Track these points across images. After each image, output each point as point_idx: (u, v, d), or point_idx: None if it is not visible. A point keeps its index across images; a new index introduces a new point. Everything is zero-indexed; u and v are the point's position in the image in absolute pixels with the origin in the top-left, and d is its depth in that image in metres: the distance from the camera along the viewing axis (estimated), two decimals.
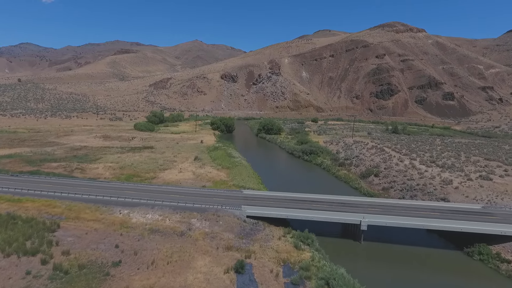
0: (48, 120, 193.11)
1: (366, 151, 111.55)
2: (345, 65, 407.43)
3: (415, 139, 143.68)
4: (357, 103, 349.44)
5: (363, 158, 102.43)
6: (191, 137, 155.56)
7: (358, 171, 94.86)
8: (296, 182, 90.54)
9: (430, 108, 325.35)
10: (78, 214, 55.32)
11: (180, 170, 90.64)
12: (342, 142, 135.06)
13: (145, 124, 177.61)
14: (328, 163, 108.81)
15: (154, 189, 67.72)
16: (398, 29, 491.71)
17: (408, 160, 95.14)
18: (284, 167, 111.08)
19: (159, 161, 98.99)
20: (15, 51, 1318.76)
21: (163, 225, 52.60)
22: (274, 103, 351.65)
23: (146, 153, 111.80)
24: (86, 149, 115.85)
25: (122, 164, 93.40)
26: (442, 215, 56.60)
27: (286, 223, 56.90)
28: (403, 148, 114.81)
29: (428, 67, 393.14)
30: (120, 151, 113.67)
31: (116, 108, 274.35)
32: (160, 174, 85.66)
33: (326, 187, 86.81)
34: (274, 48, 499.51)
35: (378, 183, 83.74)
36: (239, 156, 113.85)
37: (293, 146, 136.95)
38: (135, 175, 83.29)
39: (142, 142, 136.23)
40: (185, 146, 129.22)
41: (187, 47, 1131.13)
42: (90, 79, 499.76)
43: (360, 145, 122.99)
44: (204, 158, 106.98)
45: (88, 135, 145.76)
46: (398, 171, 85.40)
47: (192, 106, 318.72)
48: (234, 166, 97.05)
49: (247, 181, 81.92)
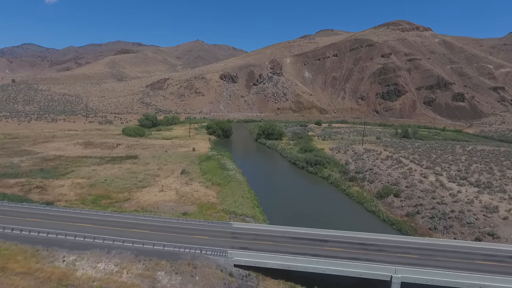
0: (31, 124, 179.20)
1: (381, 162, 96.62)
2: (349, 65, 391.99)
3: (432, 146, 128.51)
4: (362, 104, 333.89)
5: (378, 172, 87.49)
6: (183, 144, 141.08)
7: (373, 189, 79.98)
8: (300, 202, 75.81)
9: (440, 110, 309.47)
10: (5, 263, 40.73)
11: (161, 188, 76.14)
12: (351, 150, 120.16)
13: (134, 128, 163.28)
14: (336, 176, 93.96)
15: (118, 221, 53.01)
16: (403, 28, 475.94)
17: (433, 176, 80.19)
18: (286, 181, 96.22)
19: (139, 176, 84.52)
20: (17, 51, 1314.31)
21: (117, 283, 38.00)
22: (276, 105, 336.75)
23: (127, 165, 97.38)
24: (60, 159, 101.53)
25: (94, 180, 78.96)
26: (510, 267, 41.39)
27: (288, 275, 42.22)
28: (423, 158, 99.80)
29: (436, 66, 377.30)
30: (98, 162, 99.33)
31: (108, 110, 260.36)
32: (136, 194, 71.14)
33: (336, 209, 72.09)
34: (275, 48, 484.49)
35: (399, 205, 68.85)
36: (234, 168, 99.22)
37: (295, 155, 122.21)
38: (105, 196, 68.83)
39: (126, 150, 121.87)
40: (174, 155, 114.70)
41: (188, 47, 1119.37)
42: (87, 80, 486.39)
43: (372, 154, 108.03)
44: (193, 171, 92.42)
45: (69, 142, 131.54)
46: (424, 191, 70.46)
47: (189, 108, 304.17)
48: (226, 182, 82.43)
49: (240, 203, 67.22)
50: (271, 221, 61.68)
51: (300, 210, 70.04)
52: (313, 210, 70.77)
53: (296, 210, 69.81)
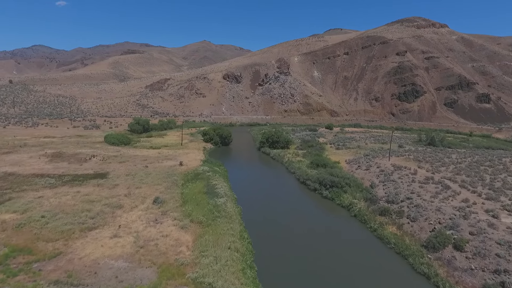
0: (6, 130, 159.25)
1: (420, 187, 72.79)
2: (362, 64, 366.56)
3: (474, 159, 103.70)
4: (376, 106, 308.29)
5: (421, 204, 63.70)
6: (171, 155, 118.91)
7: (418, 232, 56.35)
8: (315, 253, 52.62)
9: (463, 112, 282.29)
10: None
11: (117, 230, 53.81)
12: (374, 165, 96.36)
13: (118, 136, 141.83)
14: (361, 206, 70.52)
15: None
16: (419, 24, 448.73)
17: (504, 214, 56.27)
18: (294, 213, 72.64)
19: (94, 208, 62.37)
20: (27, 53, 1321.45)
21: None
22: (282, 107, 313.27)
23: (89, 188, 75.41)
24: (7, 179, 80.00)
25: (28, 217, 56.93)
26: None
27: None
28: (475, 181, 75.56)
29: (456, 65, 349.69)
30: (52, 184, 77.51)
31: (100, 113, 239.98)
32: (75, 244, 48.84)
33: (369, 267, 48.60)
34: (283, 46, 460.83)
35: (466, 266, 45.25)
36: (226, 193, 76.30)
37: (305, 171, 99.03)
38: (25, 249, 46.55)
39: (99, 164, 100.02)
40: (154, 172, 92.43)
41: (194, 48, 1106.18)
42: (88, 80, 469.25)
43: (404, 174, 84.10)
44: (170, 198, 69.92)
45: (35, 153, 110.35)
46: (501, 243, 46.72)
47: (189, 110, 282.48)
48: (211, 218, 59.73)
49: (224, 263, 44.43)
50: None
51: (316, 269, 47.01)
52: (336, 267, 47.69)
53: (311, 269, 46.81)
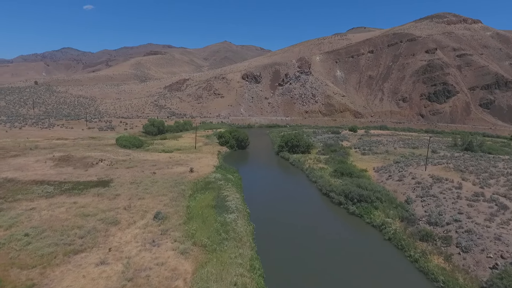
0: (21, 131, 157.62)
1: (469, 206, 60.77)
2: (388, 62, 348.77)
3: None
4: (404, 107, 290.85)
5: (474, 229, 52.00)
6: (183, 159, 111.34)
7: (472, 267, 44.94)
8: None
9: (501, 114, 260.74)
10: None
11: (106, 254, 45.78)
12: (408, 175, 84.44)
13: (130, 138, 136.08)
14: (396, 227, 59.46)
15: None
16: (449, 20, 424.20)
17: None
18: (317, 235, 62.28)
19: (88, 224, 54.94)
20: (56, 55, 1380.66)
21: None
22: (303, 107, 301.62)
23: (87, 199, 68.44)
24: (4, 186, 74.52)
25: (10, 235, 49.97)
26: None
27: None
28: None
29: (491, 63, 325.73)
30: (50, 193, 71.13)
31: (117, 114, 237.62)
32: (53, 273, 41.09)
33: None
34: (304, 45, 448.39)
35: None
36: (238, 207, 67.13)
37: (328, 180, 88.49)
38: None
39: (105, 170, 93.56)
40: (161, 180, 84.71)
41: (215, 48, 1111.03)
42: (109, 81, 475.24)
43: (447, 187, 71.90)
44: (173, 213, 61.61)
45: (42, 156, 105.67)
46: None
47: (206, 111, 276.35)
48: (218, 241, 50.76)
49: None
50: None
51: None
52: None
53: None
